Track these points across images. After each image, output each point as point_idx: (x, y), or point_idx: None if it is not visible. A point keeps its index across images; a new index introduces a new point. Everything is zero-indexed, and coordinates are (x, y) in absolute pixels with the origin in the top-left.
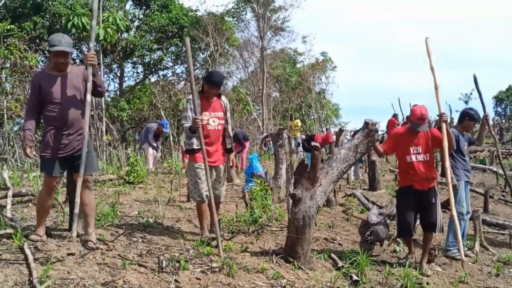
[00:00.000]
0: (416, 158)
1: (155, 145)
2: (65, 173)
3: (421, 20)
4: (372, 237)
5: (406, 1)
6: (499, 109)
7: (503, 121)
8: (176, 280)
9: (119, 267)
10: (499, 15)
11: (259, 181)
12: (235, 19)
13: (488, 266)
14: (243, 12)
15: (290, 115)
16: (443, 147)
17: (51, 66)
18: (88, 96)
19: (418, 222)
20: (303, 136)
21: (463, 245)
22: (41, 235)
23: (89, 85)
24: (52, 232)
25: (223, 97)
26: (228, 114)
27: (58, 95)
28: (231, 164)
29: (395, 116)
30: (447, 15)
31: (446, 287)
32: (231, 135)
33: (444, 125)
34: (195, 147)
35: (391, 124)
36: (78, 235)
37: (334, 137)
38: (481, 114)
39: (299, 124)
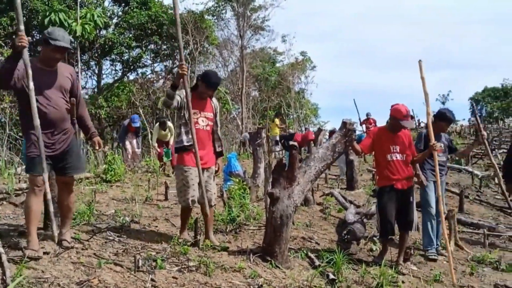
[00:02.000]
0: (396, 157)
1: (133, 141)
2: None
3: (401, 20)
4: (349, 236)
5: (387, 1)
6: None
7: (478, 113)
8: (152, 279)
9: (95, 266)
10: (477, 16)
11: (237, 180)
12: (215, 17)
13: (462, 265)
14: (223, 11)
15: (278, 113)
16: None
17: (42, 59)
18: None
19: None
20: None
21: (437, 244)
22: (36, 249)
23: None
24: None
25: (214, 99)
26: (218, 116)
27: (45, 91)
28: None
29: (367, 116)
30: (425, 15)
31: (421, 286)
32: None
33: (435, 153)
34: (185, 143)
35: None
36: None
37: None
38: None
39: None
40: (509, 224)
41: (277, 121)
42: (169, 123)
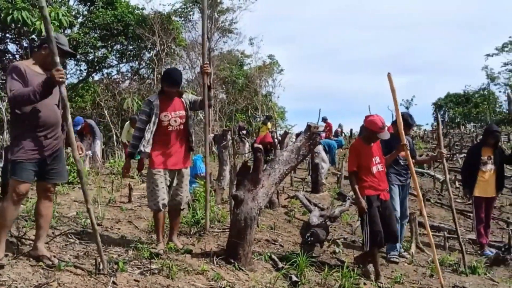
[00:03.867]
0: (379, 169)
1: (93, 143)
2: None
3: (365, 25)
4: (312, 239)
5: (354, 5)
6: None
7: (441, 127)
8: (113, 282)
9: (54, 269)
10: (440, 23)
11: (202, 182)
12: (183, 19)
13: (423, 267)
14: (191, 12)
15: (269, 116)
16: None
17: (42, 63)
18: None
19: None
20: None
21: (400, 246)
22: (0, 257)
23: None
24: None
25: (184, 95)
26: (193, 106)
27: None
28: None
29: (324, 120)
30: (392, 20)
31: (383, 287)
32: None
33: (409, 155)
34: (147, 150)
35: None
36: (12, 236)
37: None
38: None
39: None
40: (469, 227)
41: (269, 124)
42: None
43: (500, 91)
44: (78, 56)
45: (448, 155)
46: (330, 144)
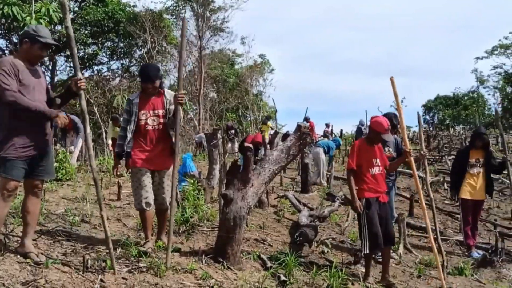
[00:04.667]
0: (378, 171)
1: (74, 140)
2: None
3: (359, 25)
4: (301, 238)
5: (346, 5)
6: (427, 117)
7: (431, 128)
8: (101, 280)
9: (42, 266)
10: (430, 24)
11: (192, 181)
12: (174, 17)
13: (410, 268)
14: (182, 11)
15: (269, 116)
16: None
17: (26, 57)
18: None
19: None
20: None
21: None
22: None
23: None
24: None
25: (166, 92)
26: (175, 107)
27: (33, 91)
28: None
29: (306, 120)
30: (383, 22)
31: (371, 287)
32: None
33: (412, 161)
34: (128, 149)
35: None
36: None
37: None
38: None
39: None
40: (456, 229)
41: (269, 124)
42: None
43: (489, 94)
44: (68, 53)
45: (437, 156)
46: (330, 145)
